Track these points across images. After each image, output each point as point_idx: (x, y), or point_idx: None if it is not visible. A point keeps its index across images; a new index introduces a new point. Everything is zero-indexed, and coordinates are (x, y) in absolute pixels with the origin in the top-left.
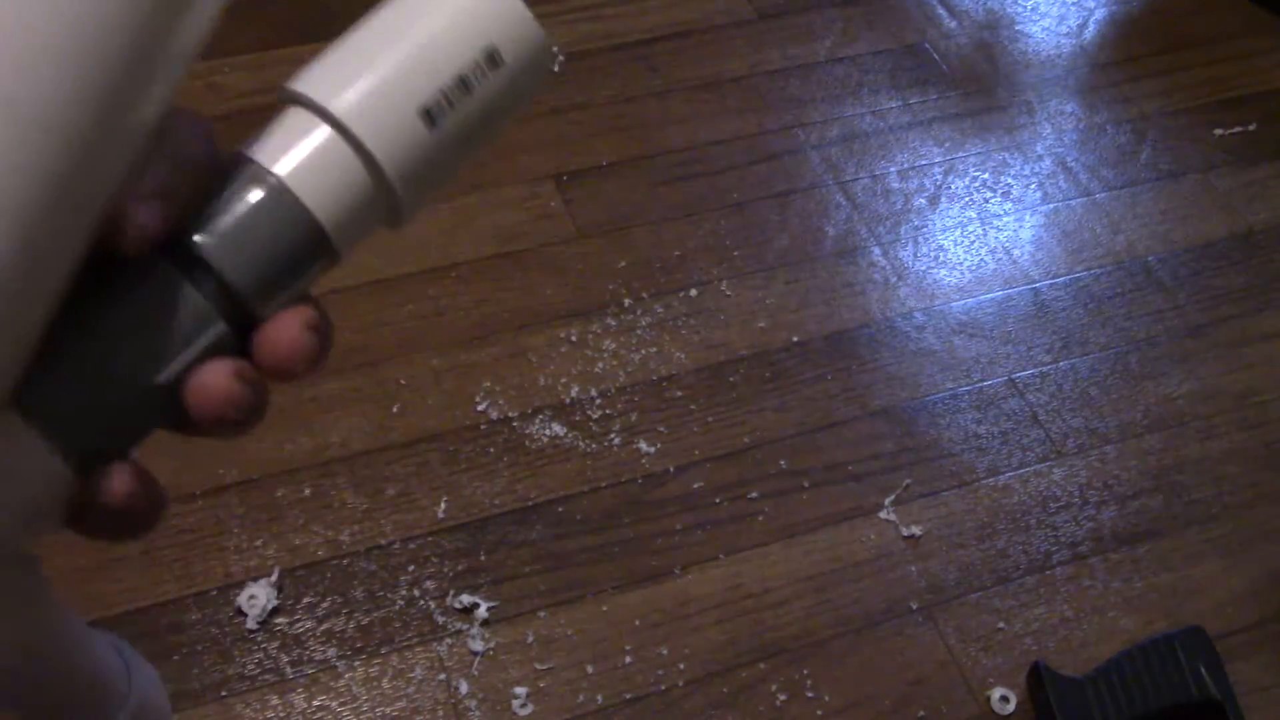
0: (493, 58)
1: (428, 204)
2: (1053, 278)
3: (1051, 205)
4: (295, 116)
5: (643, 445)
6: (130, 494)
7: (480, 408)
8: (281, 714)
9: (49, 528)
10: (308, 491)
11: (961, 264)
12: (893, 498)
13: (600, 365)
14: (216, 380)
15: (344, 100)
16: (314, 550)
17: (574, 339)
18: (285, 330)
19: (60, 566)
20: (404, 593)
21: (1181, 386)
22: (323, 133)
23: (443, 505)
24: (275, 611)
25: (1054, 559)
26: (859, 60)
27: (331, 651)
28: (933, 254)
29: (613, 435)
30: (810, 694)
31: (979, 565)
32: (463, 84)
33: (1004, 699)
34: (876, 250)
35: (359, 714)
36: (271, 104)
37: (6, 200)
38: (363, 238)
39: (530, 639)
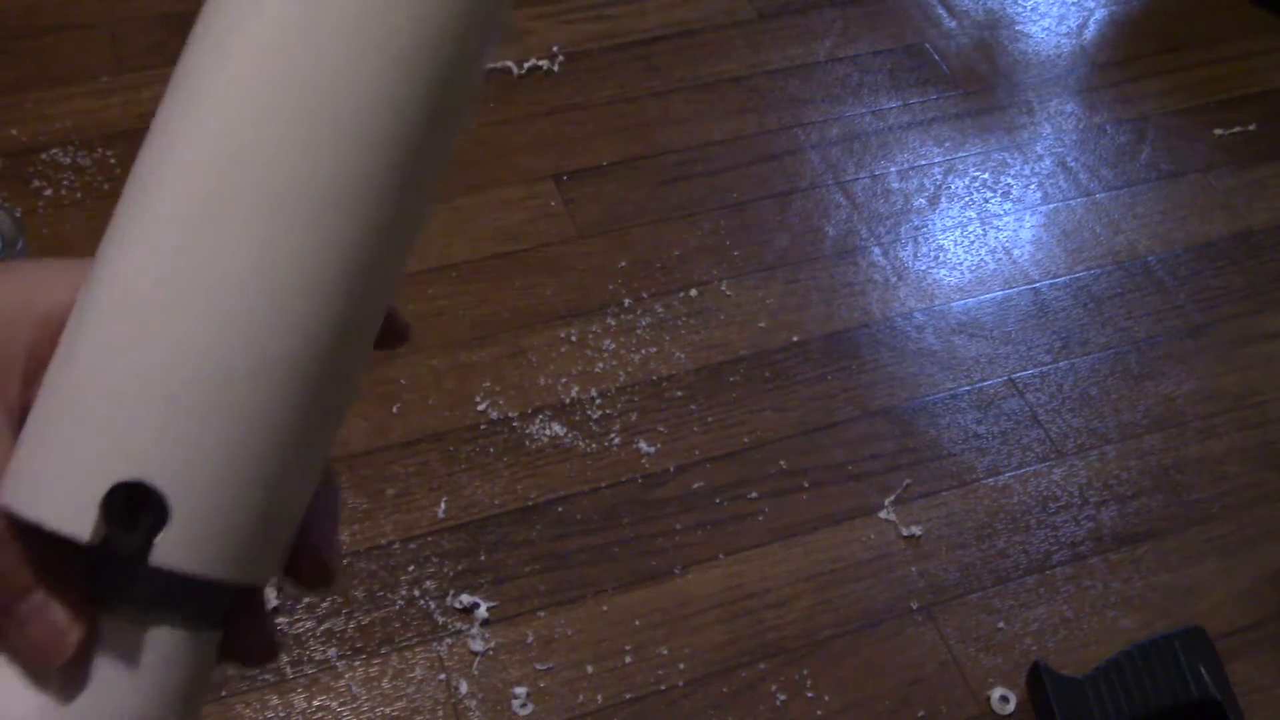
0: None
1: None
2: (1053, 278)
3: (1051, 205)
4: None
5: (643, 445)
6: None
7: (480, 408)
8: (281, 714)
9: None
10: None
11: (961, 264)
12: (893, 498)
13: (600, 365)
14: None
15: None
16: None
17: (574, 339)
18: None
19: None
20: (404, 593)
21: (1181, 386)
22: None
23: (443, 505)
24: (275, 611)
25: (1054, 559)
26: (859, 60)
27: (331, 651)
28: (933, 254)
29: (613, 435)
30: (810, 694)
31: (979, 565)
32: None
33: (1004, 699)
34: (876, 250)
35: (359, 714)
36: None
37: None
38: None
39: (530, 639)
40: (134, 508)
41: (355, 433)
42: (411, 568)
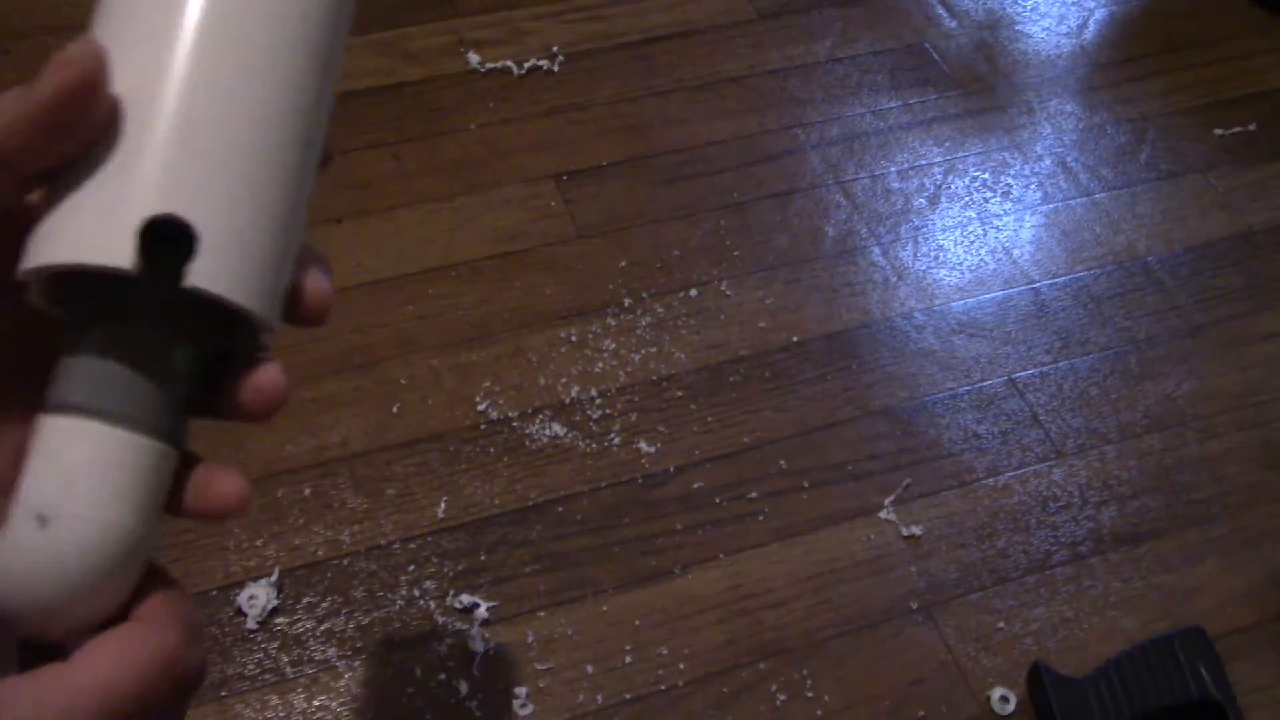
0: None
1: None
2: (1053, 278)
3: (1051, 205)
4: None
5: (643, 445)
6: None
7: (480, 408)
8: (281, 714)
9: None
10: (308, 491)
11: (961, 264)
12: (893, 498)
13: (600, 365)
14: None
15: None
16: (314, 550)
17: (574, 339)
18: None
19: None
20: (404, 593)
21: (1181, 386)
22: None
23: (443, 505)
24: (275, 611)
25: (1054, 559)
26: (859, 60)
27: (331, 651)
28: (933, 254)
29: (613, 435)
30: (810, 694)
31: (979, 565)
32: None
33: (1004, 699)
34: (876, 250)
35: (359, 714)
36: None
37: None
38: None
39: (530, 639)
40: (162, 246)
41: (355, 433)
42: (411, 568)
